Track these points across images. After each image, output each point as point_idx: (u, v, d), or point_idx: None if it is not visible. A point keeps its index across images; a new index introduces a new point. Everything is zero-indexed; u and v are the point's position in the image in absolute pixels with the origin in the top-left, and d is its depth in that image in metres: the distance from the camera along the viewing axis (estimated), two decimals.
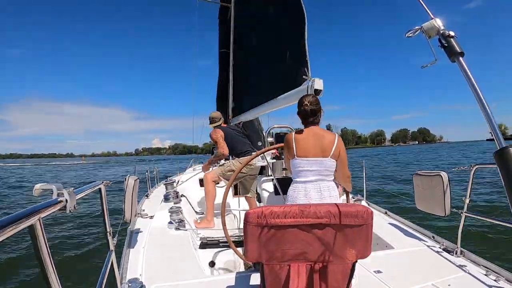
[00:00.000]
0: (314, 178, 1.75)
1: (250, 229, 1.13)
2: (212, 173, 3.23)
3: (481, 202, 6.75)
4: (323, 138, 1.76)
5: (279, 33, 3.91)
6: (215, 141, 3.38)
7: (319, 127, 1.84)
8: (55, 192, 0.84)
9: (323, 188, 1.76)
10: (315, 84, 2.55)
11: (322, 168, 1.75)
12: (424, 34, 1.21)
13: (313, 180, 1.75)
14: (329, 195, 1.76)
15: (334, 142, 1.76)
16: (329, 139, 1.76)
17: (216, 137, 3.37)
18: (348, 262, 1.18)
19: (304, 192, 1.75)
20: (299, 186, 1.77)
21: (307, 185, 1.76)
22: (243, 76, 5.46)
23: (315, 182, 1.76)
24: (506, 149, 0.99)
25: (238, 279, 1.74)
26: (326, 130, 1.88)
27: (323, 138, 1.76)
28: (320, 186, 1.75)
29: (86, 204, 8.08)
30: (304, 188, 1.75)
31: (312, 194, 1.73)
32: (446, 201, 2.11)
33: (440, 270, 1.83)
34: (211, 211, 3.06)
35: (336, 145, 1.76)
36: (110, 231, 1.47)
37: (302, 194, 1.74)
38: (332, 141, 1.76)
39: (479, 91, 1.08)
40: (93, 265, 3.95)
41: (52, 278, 0.73)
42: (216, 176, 3.20)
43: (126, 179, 2.74)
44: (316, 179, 1.76)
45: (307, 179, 1.76)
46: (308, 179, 1.76)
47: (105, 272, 1.27)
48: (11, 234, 0.56)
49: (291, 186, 1.83)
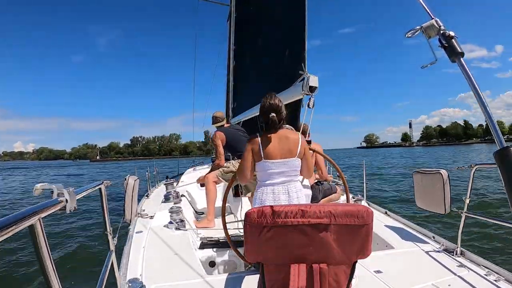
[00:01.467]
0: (281, 180, 1.76)
1: (250, 229, 1.13)
2: (213, 174, 3.26)
3: (481, 202, 6.75)
4: (288, 138, 1.78)
5: (279, 30, 3.91)
6: (215, 146, 3.39)
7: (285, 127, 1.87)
8: (55, 192, 0.84)
9: (291, 189, 1.77)
10: (310, 81, 2.54)
11: (289, 169, 1.76)
12: (424, 34, 1.21)
13: (281, 182, 1.76)
14: (297, 196, 1.78)
15: (298, 142, 1.78)
16: (294, 139, 1.78)
17: (216, 144, 3.37)
18: (348, 262, 1.18)
19: (272, 195, 1.75)
20: (267, 189, 1.77)
21: (275, 188, 1.76)
22: (243, 76, 5.46)
23: (282, 184, 1.77)
24: (506, 149, 0.99)
25: (238, 279, 1.74)
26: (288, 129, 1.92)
27: (288, 138, 1.78)
28: (288, 188, 1.77)
29: (86, 204, 8.08)
30: (272, 190, 1.76)
31: (280, 196, 1.74)
32: (446, 199, 2.11)
33: (440, 270, 1.83)
34: (212, 211, 3.07)
35: (301, 144, 1.78)
36: (110, 231, 1.47)
37: (270, 196, 1.75)
38: (297, 140, 1.78)
39: (479, 91, 1.08)
40: (93, 265, 3.95)
41: (52, 278, 0.73)
42: (216, 177, 3.22)
43: (126, 179, 2.74)
44: (284, 180, 1.77)
45: (274, 181, 1.76)
46: (275, 181, 1.76)
47: (105, 272, 1.27)
48: (11, 234, 0.57)
49: (258, 188, 1.83)
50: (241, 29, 5.72)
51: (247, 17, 5.43)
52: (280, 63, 3.62)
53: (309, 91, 2.53)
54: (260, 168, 1.78)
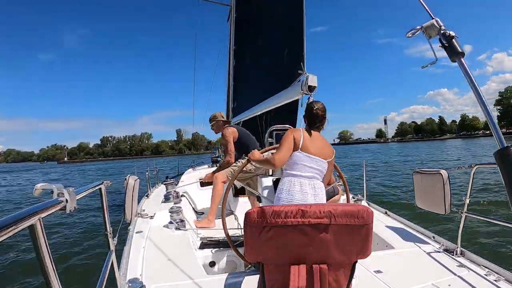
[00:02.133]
0: (310, 175, 1.83)
1: (250, 229, 1.13)
2: (223, 173, 3.17)
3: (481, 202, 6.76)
4: (325, 142, 1.94)
5: (279, 30, 3.92)
6: (226, 141, 3.26)
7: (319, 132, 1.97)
8: (56, 192, 0.84)
9: (317, 186, 1.84)
10: (309, 81, 2.55)
11: (318, 168, 1.85)
12: (425, 34, 1.21)
13: (309, 176, 1.82)
14: (322, 193, 1.85)
15: (333, 151, 1.97)
16: (330, 147, 1.96)
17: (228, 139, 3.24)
18: (348, 262, 1.18)
19: (300, 187, 1.79)
20: (294, 180, 1.81)
21: (302, 180, 1.81)
22: (243, 76, 5.46)
23: (310, 179, 1.83)
24: (506, 149, 0.99)
25: (238, 279, 1.74)
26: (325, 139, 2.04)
27: (325, 142, 1.94)
28: (314, 184, 1.83)
29: (86, 204, 8.08)
30: (299, 182, 1.80)
31: (307, 189, 1.79)
32: (446, 199, 2.12)
33: (440, 270, 1.83)
34: (214, 211, 3.04)
35: (334, 152, 1.97)
36: (110, 231, 1.47)
37: (297, 188, 1.79)
38: (332, 149, 1.96)
39: (479, 90, 1.08)
40: (93, 265, 3.95)
41: (52, 278, 0.73)
42: (226, 177, 3.15)
43: (127, 179, 2.74)
44: (311, 176, 1.83)
45: (303, 174, 1.82)
46: (304, 174, 1.82)
47: (105, 272, 1.27)
48: (11, 234, 0.57)
49: (284, 178, 1.87)
50: (241, 29, 5.72)
51: (247, 17, 5.43)
52: (279, 63, 3.63)
53: (308, 91, 2.53)
54: (294, 157, 1.84)
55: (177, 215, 2.71)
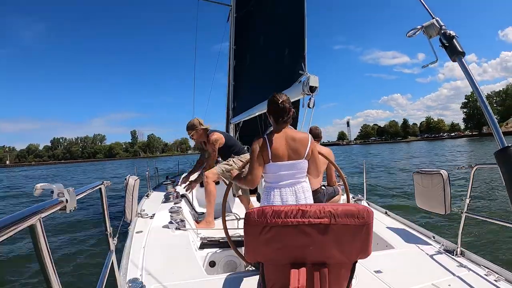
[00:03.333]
0: (289, 182, 1.74)
1: (251, 229, 1.13)
2: (213, 172, 3.21)
3: (481, 202, 6.76)
4: (296, 139, 1.74)
5: (279, 30, 3.91)
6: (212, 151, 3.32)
7: (289, 127, 1.81)
8: (56, 192, 0.84)
9: (298, 190, 1.75)
10: (311, 81, 2.54)
11: (297, 171, 1.74)
12: (425, 34, 1.21)
13: (288, 183, 1.74)
14: (304, 196, 1.76)
15: (307, 142, 1.74)
16: (302, 139, 1.74)
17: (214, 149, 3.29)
18: (348, 262, 1.18)
19: (280, 197, 1.73)
20: (275, 191, 1.75)
21: (283, 189, 1.74)
22: (243, 76, 5.46)
23: (290, 186, 1.74)
24: (507, 149, 0.99)
25: (238, 279, 1.74)
26: (297, 130, 1.87)
27: (296, 139, 1.74)
28: (295, 189, 1.75)
29: (86, 204, 8.08)
30: (279, 192, 1.74)
31: (288, 198, 1.72)
32: (446, 199, 2.12)
33: (440, 270, 1.83)
34: (212, 211, 3.05)
35: (309, 145, 1.75)
36: (110, 231, 1.47)
37: (278, 199, 1.73)
38: (305, 141, 1.75)
39: (480, 90, 1.08)
40: (93, 265, 3.95)
41: (52, 278, 0.73)
42: (216, 176, 3.18)
43: (127, 179, 2.74)
44: (291, 182, 1.74)
45: (282, 183, 1.74)
46: (283, 183, 1.74)
47: (105, 272, 1.27)
48: (12, 234, 0.56)
49: (264, 190, 1.81)
50: (241, 29, 5.72)
51: (247, 17, 5.43)
52: (280, 63, 3.62)
53: (309, 91, 2.53)
54: (268, 170, 1.74)
55: (177, 215, 2.71)
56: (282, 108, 1.74)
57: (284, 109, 1.74)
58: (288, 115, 1.76)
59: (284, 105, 1.74)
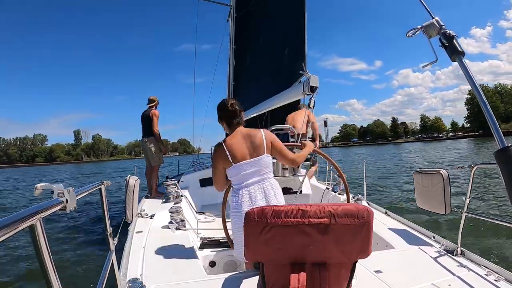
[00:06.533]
0: (255, 180, 1.75)
1: (250, 229, 1.13)
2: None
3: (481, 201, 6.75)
4: (251, 136, 1.76)
5: (280, 30, 3.92)
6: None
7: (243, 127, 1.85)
8: (56, 192, 0.84)
9: (267, 187, 1.76)
10: (311, 81, 2.55)
11: (261, 167, 1.75)
12: (425, 34, 1.21)
13: (255, 181, 1.75)
14: (274, 193, 1.77)
15: (262, 137, 1.76)
16: (257, 135, 1.77)
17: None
18: (348, 262, 1.18)
19: (249, 196, 1.74)
20: (243, 192, 1.75)
21: (250, 188, 1.75)
22: (243, 76, 5.46)
23: (257, 183, 1.75)
24: (507, 148, 0.99)
25: (238, 279, 1.74)
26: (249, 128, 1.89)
27: (251, 136, 1.76)
28: (263, 187, 1.76)
29: (86, 204, 8.08)
30: (247, 192, 1.75)
31: (257, 196, 1.73)
32: (446, 199, 2.12)
33: (440, 270, 1.83)
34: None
35: (265, 138, 1.76)
36: (110, 231, 1.47)
37: (246, 198, 1.74)
38: (260, 136, 1.77)
39: (480, 90, 1.08)
40: (93, 265, 3.95)
41: (52, 278, 0.73)
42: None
43: (127, 179, 2.75)
44: (258, 180, 1.76)
45: (249, 182, 1.75)
46: (249, 182, 1.75)
47: (105, 272, 1.27)
48: (12, 234, 0.56)
49: (232, 192, 1.82)
50: (241, 29, 5.72)
51: (247, 17, 5.43)
52: (280, 63, 3.62)
53: (310, 91, 2.53)
54: (232, 173, 1.76)
55: (177, 215, 2.72)
56: (232, 111, 1.79)
57: (235, 111, 1.80)
58: (239, 116, 1.81)
59: (234, 107, 1.79)
